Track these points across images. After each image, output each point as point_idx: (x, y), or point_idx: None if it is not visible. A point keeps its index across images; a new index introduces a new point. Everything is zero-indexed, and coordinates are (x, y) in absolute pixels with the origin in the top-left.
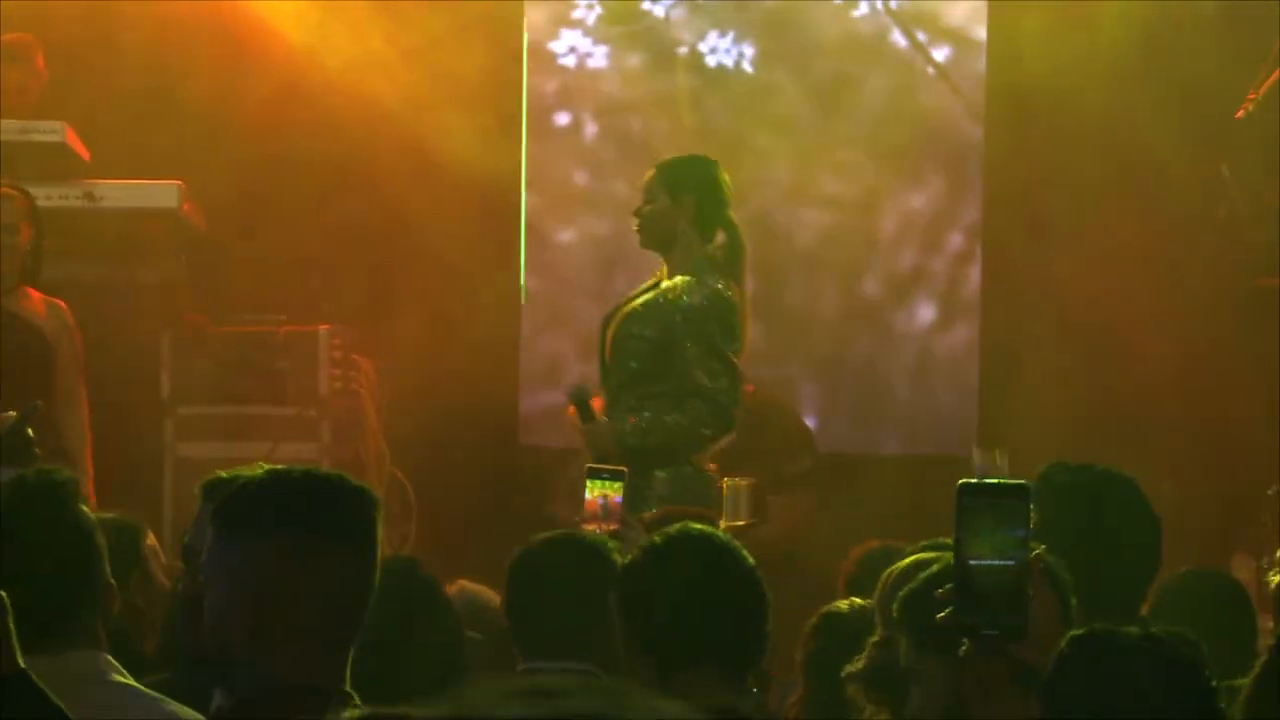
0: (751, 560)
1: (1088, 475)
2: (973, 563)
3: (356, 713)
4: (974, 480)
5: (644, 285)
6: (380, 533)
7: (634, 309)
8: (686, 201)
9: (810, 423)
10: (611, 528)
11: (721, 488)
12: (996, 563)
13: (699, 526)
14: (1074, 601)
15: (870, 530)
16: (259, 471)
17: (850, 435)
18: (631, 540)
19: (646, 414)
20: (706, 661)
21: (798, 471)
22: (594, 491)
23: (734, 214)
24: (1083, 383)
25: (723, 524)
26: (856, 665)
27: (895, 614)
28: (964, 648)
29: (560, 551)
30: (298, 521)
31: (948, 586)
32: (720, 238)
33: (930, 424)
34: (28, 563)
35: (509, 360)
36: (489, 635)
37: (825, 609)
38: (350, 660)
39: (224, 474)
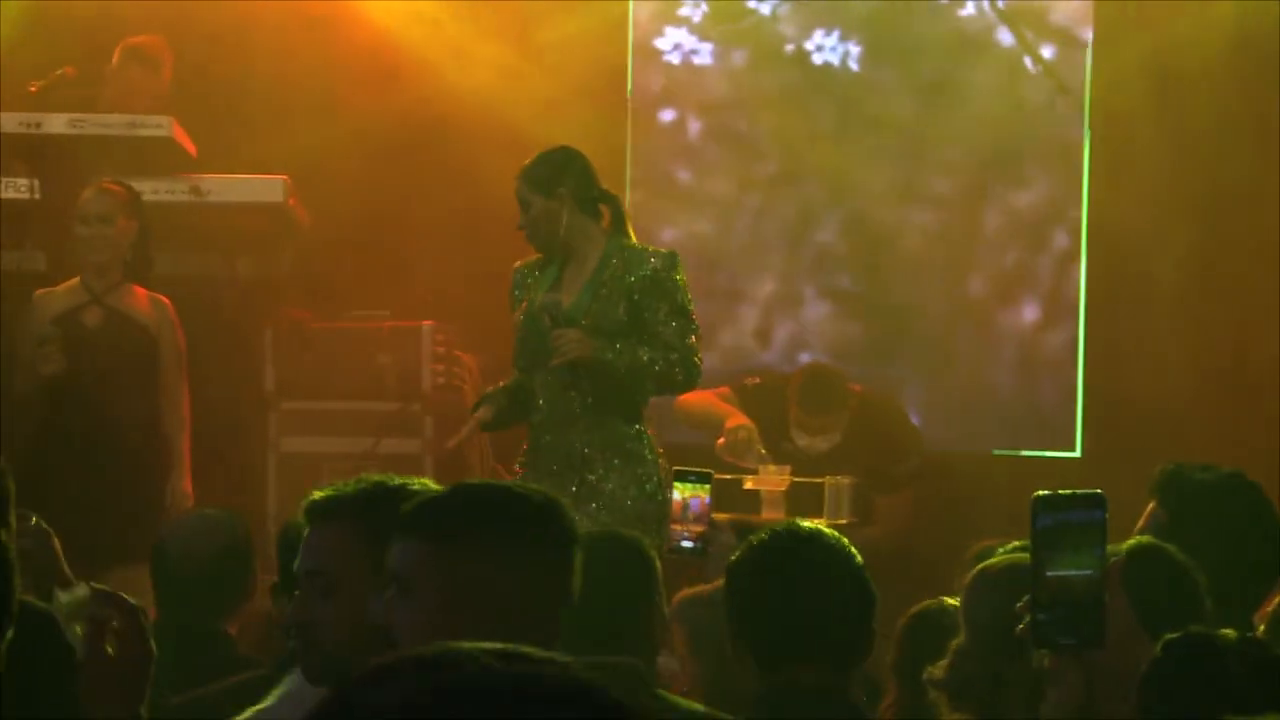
0: (859, 558)
1: (1215, 475)
2: (1050, 574)
3: None
4: (1049, 492)
5: (543, 273)
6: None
7: (595, 288)
8: (563, 194)
9: (913, 421)
10: (698, 530)
11: (823, 486)
12: (1074, 573)
13: (807, 524)
14: (1209, 604)
15: (973, 529)
16: (433, 486)
17: (954, 433)
18: (719, 542)
19: (618, 345)
20: (812, 658)
21: (904, 472)
22: (681, 493)
23: (605, 184)
24: (1187, 383)
25: (824, 523)
26: (938, 669)
27: (1120, 579)
28: (1045, 660)
29: (598, 548)
30: (515, 532)
31: (1025, 599)
32: (605, 214)
33: (1033, 423)
34: None
35: None
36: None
37: (915, 609)
38: None
39: (320, 494)
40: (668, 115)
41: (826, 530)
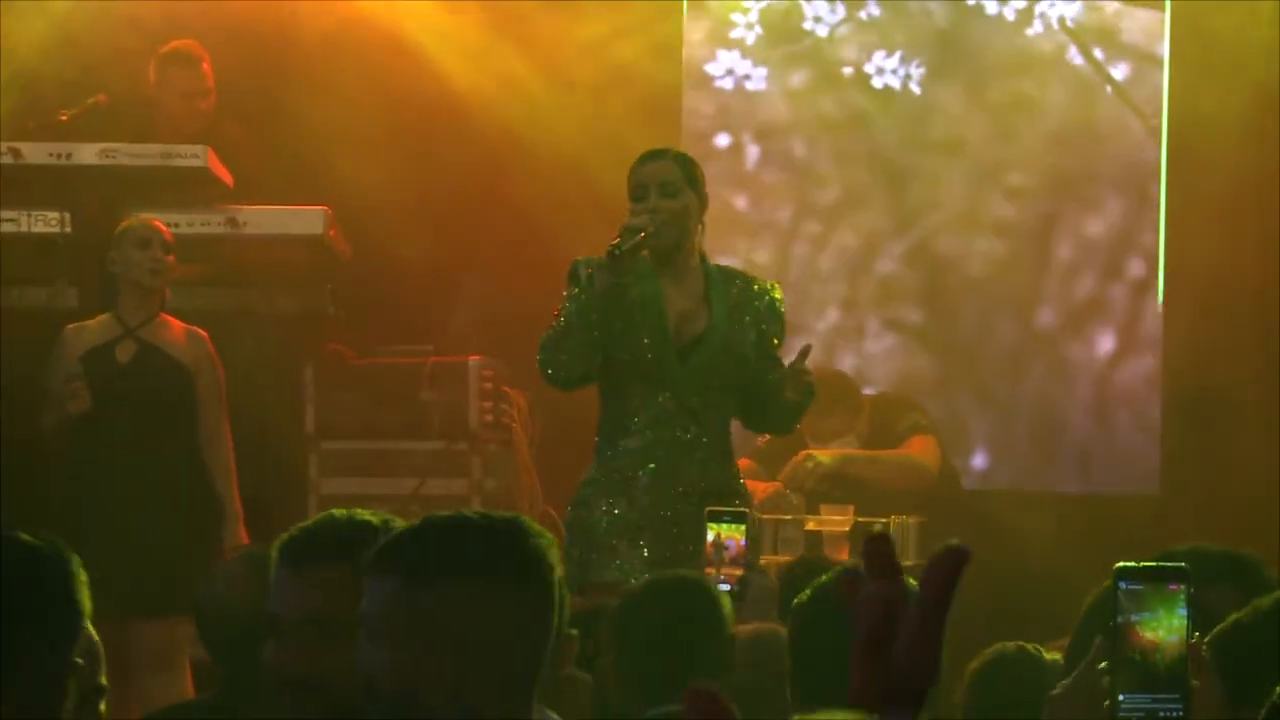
0: None
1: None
2: (1133, 649)
3: None
4: (1131, 564)
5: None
6: (558, 570)
7: (727, 308)
8: (703, 195)
9: (981, 459)
10: (736, 573)
11: (888, 525)
12: (1157, 649)
13: None
14: None
15: (1045, 570)
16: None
17: (1025, 471)
18: (757, 585)
19: None
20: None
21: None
22: (715, 534)
23: None
24: (1271, 416)
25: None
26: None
27: (1210, 660)
28: None
29: (666, 591)
30: (486, 567)
31: (1106, 677)
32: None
33: (1110, 461)
34: None
35: None
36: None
37: (989, 653)
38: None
39: (300, 532)
40: (723, 140)
41: None
